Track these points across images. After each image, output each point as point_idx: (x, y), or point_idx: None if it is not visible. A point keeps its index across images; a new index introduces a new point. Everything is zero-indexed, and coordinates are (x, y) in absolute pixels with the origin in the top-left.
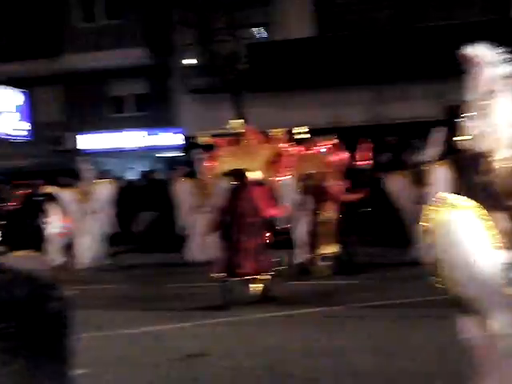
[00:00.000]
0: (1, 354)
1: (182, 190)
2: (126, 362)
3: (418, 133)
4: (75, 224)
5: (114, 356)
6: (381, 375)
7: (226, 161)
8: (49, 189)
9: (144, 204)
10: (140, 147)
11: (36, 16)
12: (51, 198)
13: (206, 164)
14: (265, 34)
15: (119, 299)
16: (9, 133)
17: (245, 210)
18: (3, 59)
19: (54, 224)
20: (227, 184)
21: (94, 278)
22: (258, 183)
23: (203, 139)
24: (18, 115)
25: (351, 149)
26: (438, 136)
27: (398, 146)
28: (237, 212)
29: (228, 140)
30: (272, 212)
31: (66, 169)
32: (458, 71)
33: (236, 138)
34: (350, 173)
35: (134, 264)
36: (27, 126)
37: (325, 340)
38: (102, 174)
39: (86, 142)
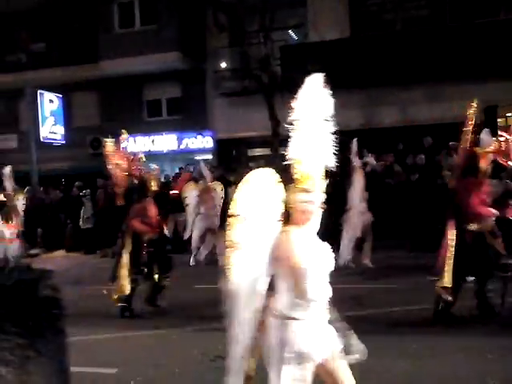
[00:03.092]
0: None
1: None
2: (154, 363)
3: (453, 134)
4: None
5: (144, 357)
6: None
7: None
8: None
9: (177, 206)
10: (174, 150)
11: (74, 22)
12: None
13: None
14: (298, 36)
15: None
16: (46, 136)
17: None
18: (42, 65)
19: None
20: None
21: None
22: None
23: None
24: (52, 119)
25: (384, 151)
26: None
27: (432, 147)
28: None
29: None
30: None
31: (103, 171)
32: (496, 71)
33: None
34: None
35: None
36: (62, 129)
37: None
38: None
39: (123, 144)
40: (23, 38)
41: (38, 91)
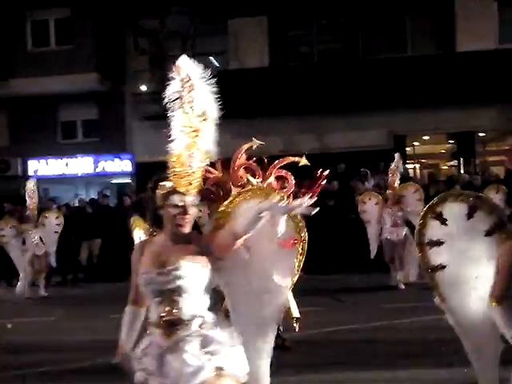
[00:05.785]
0: None
1: None
2: None
3: (366, 161)
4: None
5: None
6: None
7: None
8: None
9: (92, 231)
10: (90, 173)
11: None
12: None
13: None
14: (219, 63)
15: (58, 332)
16: None
17: None
18: None
19: None
20: None
21: (30, 310)
22: None
23: None
24: None
25: (302, 176)
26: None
27: (346, 173)
28: None
29: None
30: None
31: (13, 195)
32: (404, 103)
33: None
34: None
35: (73, 295)
36: None
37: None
38: (49, 202)
39: (34, 167)
40: None
41: None
